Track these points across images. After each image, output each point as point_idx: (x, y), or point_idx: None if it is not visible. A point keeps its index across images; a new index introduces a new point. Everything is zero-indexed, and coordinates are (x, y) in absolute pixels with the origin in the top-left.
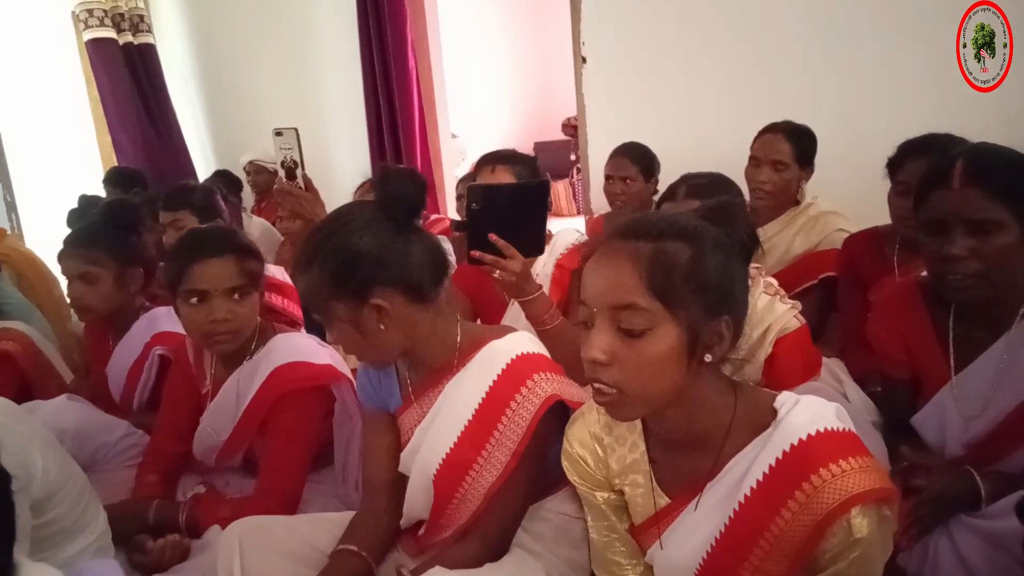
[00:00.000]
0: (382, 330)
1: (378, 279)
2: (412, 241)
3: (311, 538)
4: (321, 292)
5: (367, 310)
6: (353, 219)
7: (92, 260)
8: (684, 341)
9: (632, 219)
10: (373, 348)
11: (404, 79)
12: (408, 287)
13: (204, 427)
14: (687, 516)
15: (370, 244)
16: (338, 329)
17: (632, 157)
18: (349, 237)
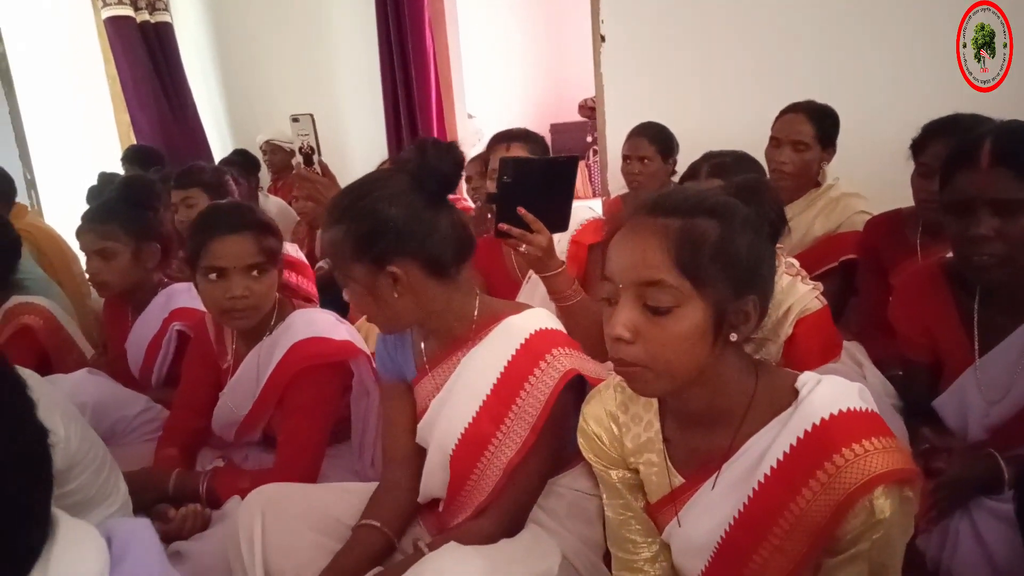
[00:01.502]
0: (395, 298)
1: (398, 249)
2: (440, 216)
3: (331, 508)
4: (343, 251)
5: (383, 276)
6: (386, 186)
7: (108, 236)
8: (710, 319)
9: (660, 195)
10: (383, 313)
11: (421, 59)
12: (427, 260)
13: (224, 402)
14: (704, 495)
15: (397, 214)
16: (353, 290)
17: (650, 137)
18: (378, 203)
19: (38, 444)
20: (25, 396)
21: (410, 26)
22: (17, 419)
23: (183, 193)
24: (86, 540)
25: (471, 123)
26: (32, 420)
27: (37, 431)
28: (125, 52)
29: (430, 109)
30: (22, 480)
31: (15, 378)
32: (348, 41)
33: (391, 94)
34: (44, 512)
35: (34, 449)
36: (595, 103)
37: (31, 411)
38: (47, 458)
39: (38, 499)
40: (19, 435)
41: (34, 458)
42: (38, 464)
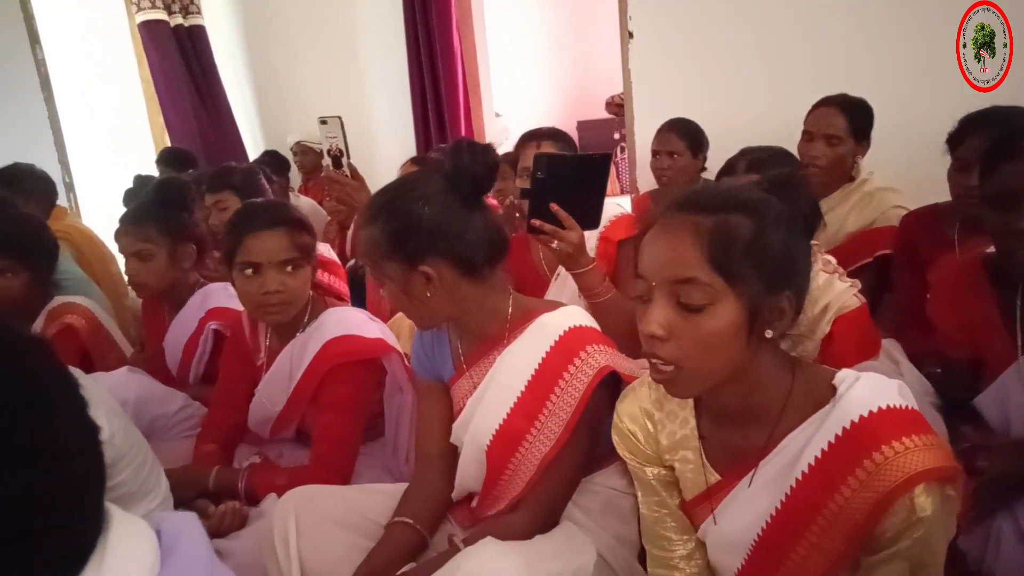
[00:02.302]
0: (428, 297)
1: (431, 249)
2: (474, 216)
3: (364, 507)
4: (378, 249)
5: (416, 275)
6: (421, 186)
7: (145, 238)
8: (744, 316)
9: (692, 191)
10: (417, 311)
11: (449, 59)
12: (459, 261)
13: (259, 399)
14: (740, 492)
15: (430, 214)
16: (388, 287)
17: (679, 132)
18: (412, 203)
19: (91, 440)
20: (79, 394)
21: (438, 27)
22: (73, 416)
23: (215, 197)
24: (138, 533)
25: (498, 122)
26: (85, 417)
27: (90, 427)
28: (159, 55)
29: (458, 109)
30: (79, 474)
31: (70, 377)
32: (376, 43)
33: (419, 95)
34: (98, 506)
35: (88, 445)
36: (623, 100)
37: (84, 408)
38: (100, 453)
39: (93, 493)
40: (75, 431)
41: (88, 453)
42: (92, 459)
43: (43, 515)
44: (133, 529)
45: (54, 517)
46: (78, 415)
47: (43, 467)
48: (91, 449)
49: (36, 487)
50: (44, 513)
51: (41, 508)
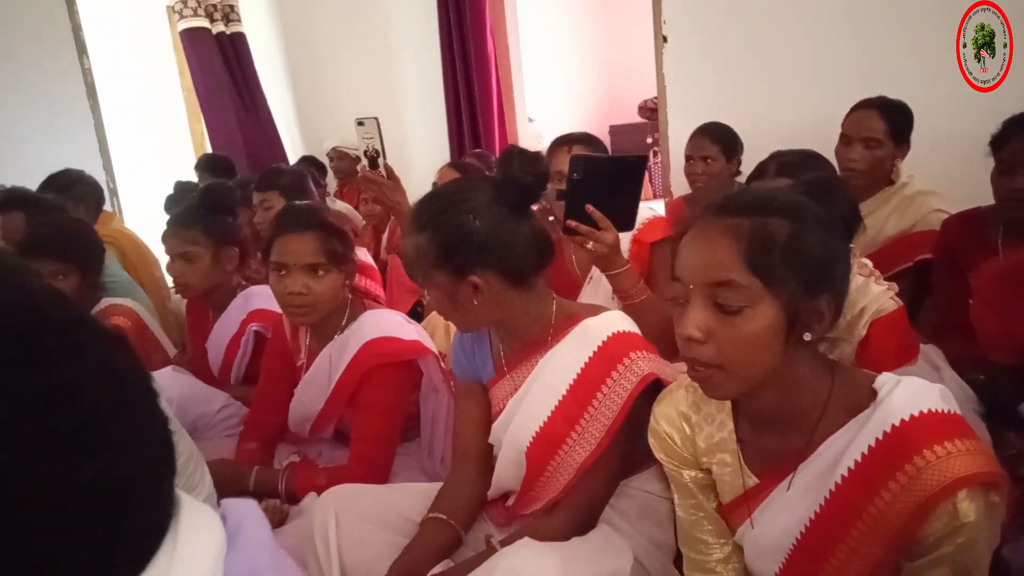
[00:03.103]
0: (475, 305)
1: (479, 260)
2: (522, 226)
3: (401, 506)
4: (426, 258)
5: (464, 285)
6: (471, 197)
7: (191, 240)
8: (782, 319)
9: (730, 194)
10: (463, 317)
11: (483, 64)
12: (508, 271)
13: (298, 399)
14: (778, 496)
15: (480, 227)
16: (434, 294)
17: (713, 136)
18: (462, 214)
19: (164, 428)
20: (152, 386)
21: (472, 32)
22: (149, 405)
23: (261, 196)
24: (206, 517)
25: (531, 127)
26: (158, 407)
27: (162, 417)
28: (201, 62)
29: (491, 113)
30: (155, 460)
31: (145, 369)
32: (412, 49)
33: (453, 99)
34: (170, 491)
35: (161, 433)
36: (656, 104)
37: (157, 399)
38: (171, 441)
39: (166, 479)
40: (151, 419)
41: (161, 441)
42: (165, 446)
43: (125, 498)
44: (201, 514)
45: (135, 500)
46: (153, 404)
47: (128, 452)
48: (164, 437)
49: (122, 471)
50: (126, 496)
51: (124, 491)
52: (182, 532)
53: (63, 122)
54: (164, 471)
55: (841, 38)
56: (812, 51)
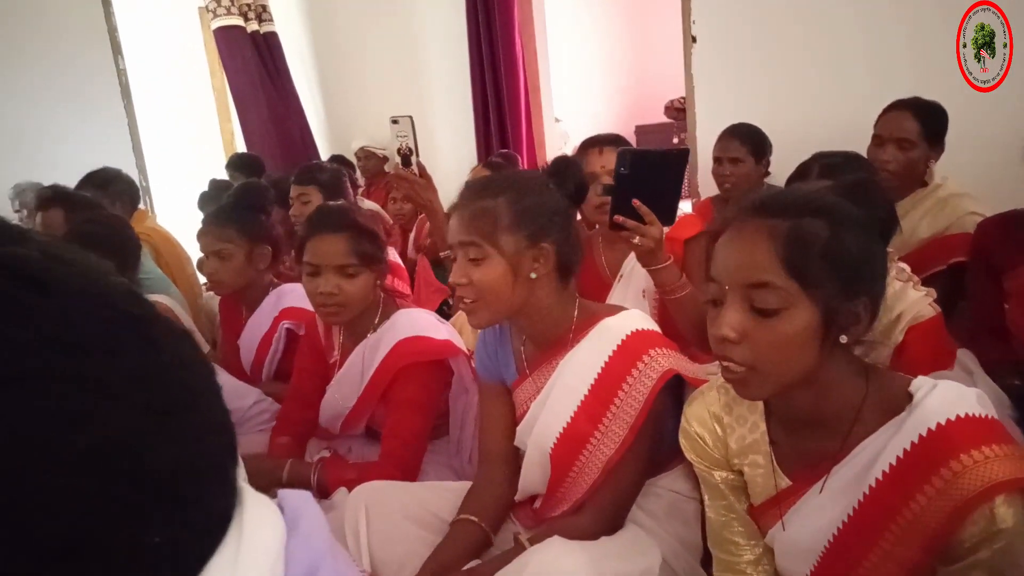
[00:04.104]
0: (531, 279)
1: (552, 231)
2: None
3: (430, 504)
4: (497, 220)
5: (532, 251)
6: (541, 177)
7: (225, 238)
8: (819, 321)
9: (767, 195)
10: (496, 295)
11: (510, 65)
12: (564, 254)
13: (331, 396)
14: (811, 498)
15: (557, 200)
16: (489, 265)
17: (742, 138)
18: (543, 185)
19: (227, 419)
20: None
21: (500, 33)
22: (216, 395)
23: (300, 189)
24: (267, 508)
25: (557, 127)
26: (221, 398)
27: (224, 408)
28: (234, 60)
29: (519, 114)
30: (221, 450)
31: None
32: (440, 50)
33: (480, 100)
34: (234, 480)
35: (226, 423)
36: (683, 104)
37: (220, 391)
38: (233, 432)
39: (230, 468)
40: (217, 410)
41: (226, 431)
42: (229, 436)
43: (197, 484)
44: (263, 503)
45: (205, 487)
46: (218, 396)
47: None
48: (228, 427)
49: (194, 458)
50: (198, 483)
51: (196, 478)
52: (247, 520)
53: (98, 121)
54: (230, 460)
55: (873, 38)
56: (843, 51)
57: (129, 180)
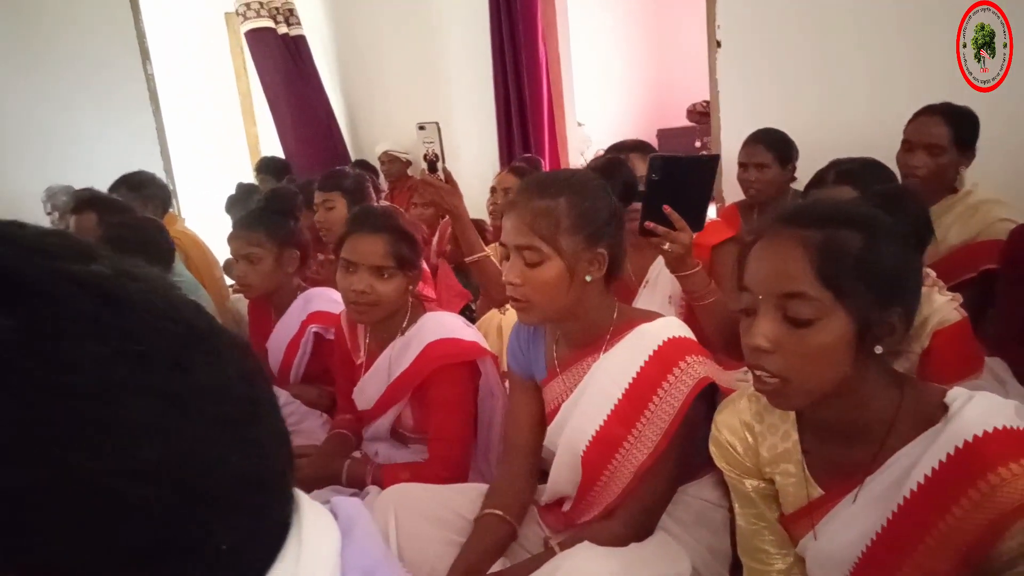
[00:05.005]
0: (585, 281)
1: (609, 234)
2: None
3: (456, 505)
4: (558, 220)
5: (589, 255)
6: (597, 178)
7: (255, 242)
8: (853, 332)
9: (800, 206)
10: (551, 296)
11: (534, 68)
12: (615, 258)
13: (357, 397)
14: (844, 508)
15: (614, 204)
16: (546, 264)
17: (767, 143)
18: (601, 189)
19: (285, 429)
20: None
21: (523, 38)
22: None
23: (324, 195)
24: (323, 515)
25: (580, 131)
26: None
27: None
28: (266, 62)
29: (541, 118)
30: (283, 458)
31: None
32: (463, 54)
33: (503, 104)
34: (291, 487)
35: (285, 433)
36: (707, 109)
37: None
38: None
39: (290, 476)
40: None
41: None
42: (288, 445)
43: (261, 493)
44: (319, 510)
45: (269, 495)
46: (277, 407)
47: (264, 450)
48: (286, 437)
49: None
50: (262, 491)
51: (260, 487)
52: (305, 527)
53: (127, 126)
54: (288, 468)
55: (899, 43)
56: (869, 56)
57: (161, 184)
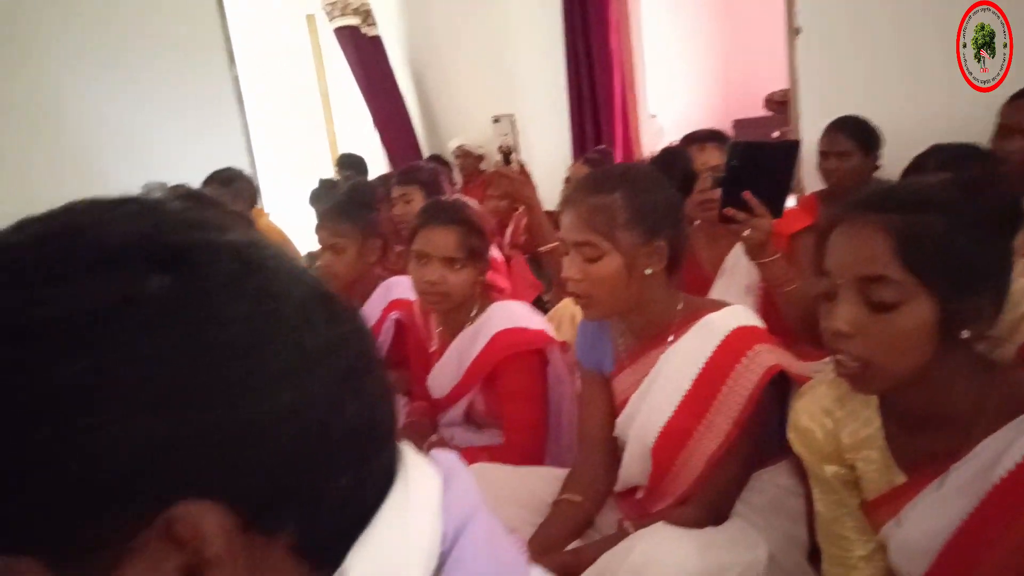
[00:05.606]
0: (645, 275)
1: (667, 226)
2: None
3: (534, 487)
4: (614, 215)
5: (647, 250)
6: (652, 171)
7: (339, 232)
8: (937, 317)
9: (881, 189)
10: (611, 292)
11: (606, 61)
12: (676, 248)
13: (430, 384)
14: (928, 496)
15: (673, 196)
16: (604, 260)
17: (849, 131)
18: (658, 182)
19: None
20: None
21: (596, 29)
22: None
23: (402, 189)
24: (425, 465)
25: (653, 122)
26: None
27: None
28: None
29: (613, 110)
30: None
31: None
32: (535, 46)
33: (576, 96)
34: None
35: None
36: (786, 97)
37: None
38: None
39: (396, 427)
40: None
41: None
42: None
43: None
44: (421, 460)
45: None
46: (383, 364)
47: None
48: (392, 392)
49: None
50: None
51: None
52: (411, 474)
53: (214, 125)
54: (394, 420)
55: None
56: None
57: (249, 179)
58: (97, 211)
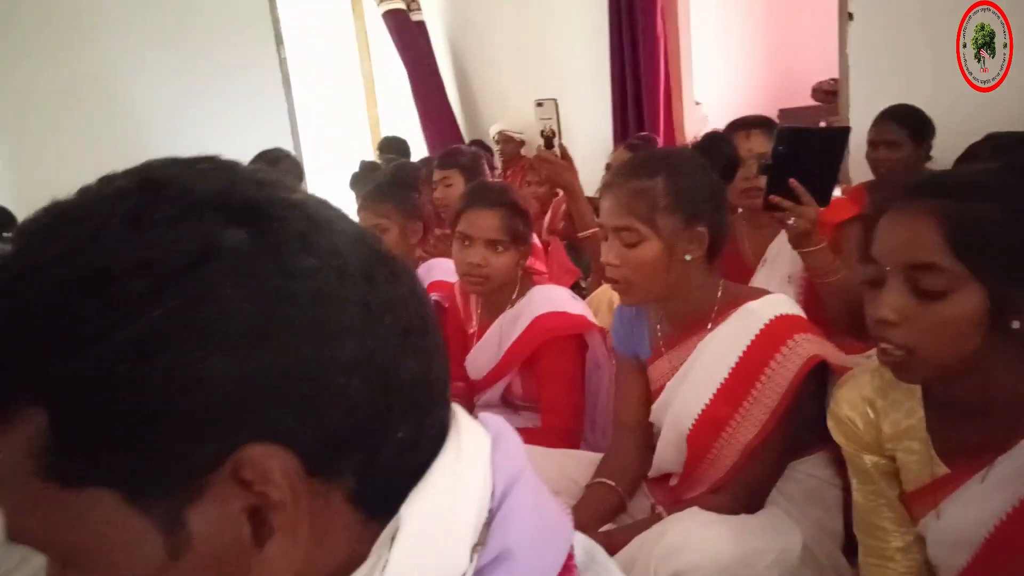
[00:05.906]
0: (684, 261)
1: (709, 212)
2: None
3: (569, 470)
4: (655, 200)
5: (688, 235)
6: (694, 155)
7: (382, 213)
8: (987, 306)
9: (933, 175)
10: (650, 277)
11: (651, 47)
12: (717, 235)
13: (468, 365)
14: (970, 488)
15: (714, 182)
16: (644, 245)
17: (900, 120)
18: (700, 167)
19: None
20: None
21: (641, 13)
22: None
23: (443, 173)
24: (476, 424)
25: (698, 109)
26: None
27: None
28: (402, 38)
29: (657, 96)
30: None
31: None
32: (580, 32)
33: (619, 82)
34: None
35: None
36: (835, 86)
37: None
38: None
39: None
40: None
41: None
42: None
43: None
44: (472, 420)
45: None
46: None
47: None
48: (446, 350)
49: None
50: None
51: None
52: (463, 431)
53: (261, 107)
54: (448, 378)
55: None
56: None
57: (296, 160)
58: (176, 168)
